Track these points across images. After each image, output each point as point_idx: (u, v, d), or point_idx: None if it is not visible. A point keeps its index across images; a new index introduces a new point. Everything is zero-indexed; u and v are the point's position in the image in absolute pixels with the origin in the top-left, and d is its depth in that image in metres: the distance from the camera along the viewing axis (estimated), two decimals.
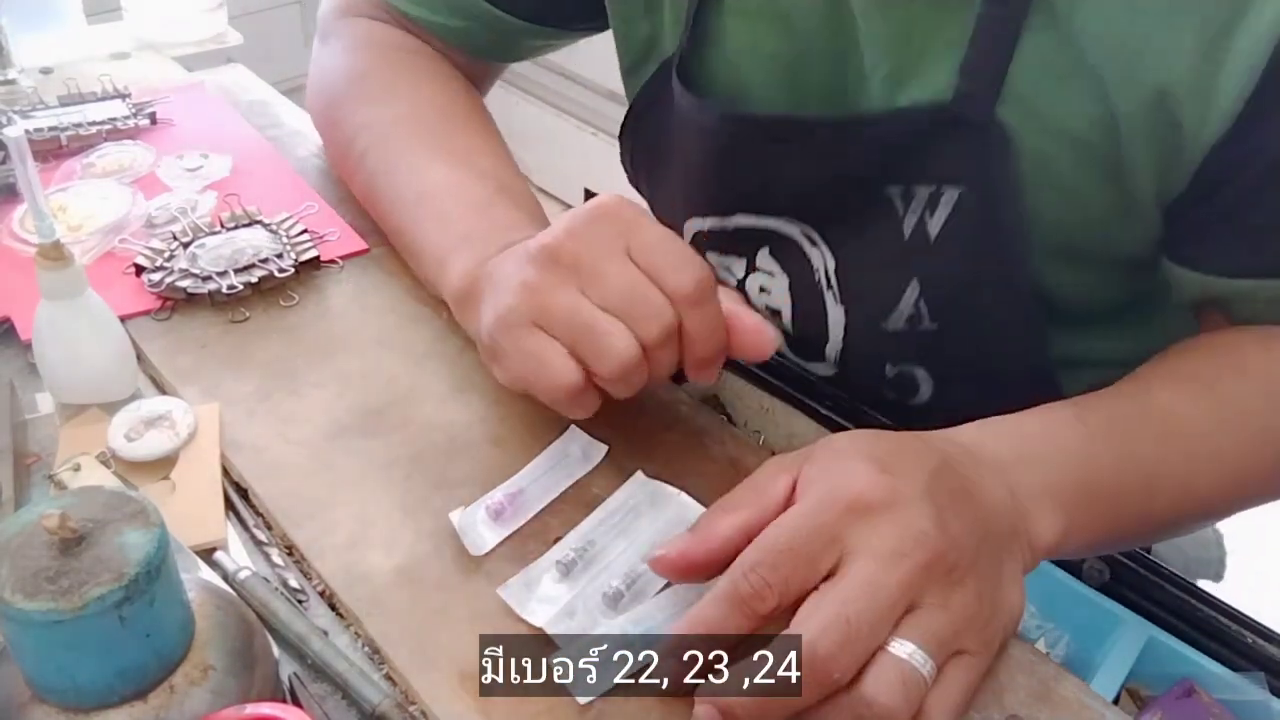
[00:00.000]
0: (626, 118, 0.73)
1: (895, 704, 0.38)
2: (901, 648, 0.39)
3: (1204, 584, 0.58)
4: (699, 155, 0.66)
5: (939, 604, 0.41)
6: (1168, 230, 0.56)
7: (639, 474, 0.55)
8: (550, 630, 0.46)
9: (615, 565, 0.49)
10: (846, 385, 0.68)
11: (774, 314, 0.69)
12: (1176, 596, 0.55)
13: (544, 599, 0.48)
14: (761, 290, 0.69)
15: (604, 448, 0.56)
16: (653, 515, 0.52)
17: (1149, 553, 0.61)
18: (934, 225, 0.58)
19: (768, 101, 0.63)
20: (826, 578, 0.41)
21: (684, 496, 0.53)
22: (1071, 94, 0.52)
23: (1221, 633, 0.54)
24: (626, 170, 0.78)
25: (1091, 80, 0.51)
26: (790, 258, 0.66)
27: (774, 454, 0.58)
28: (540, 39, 0.78)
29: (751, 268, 0.69)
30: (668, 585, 0.48)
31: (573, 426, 0.57)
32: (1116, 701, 0.52)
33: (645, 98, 0.70)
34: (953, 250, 0.58)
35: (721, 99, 0.64)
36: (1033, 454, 0.49)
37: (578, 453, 0.56)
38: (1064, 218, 0.56)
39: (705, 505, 0.52)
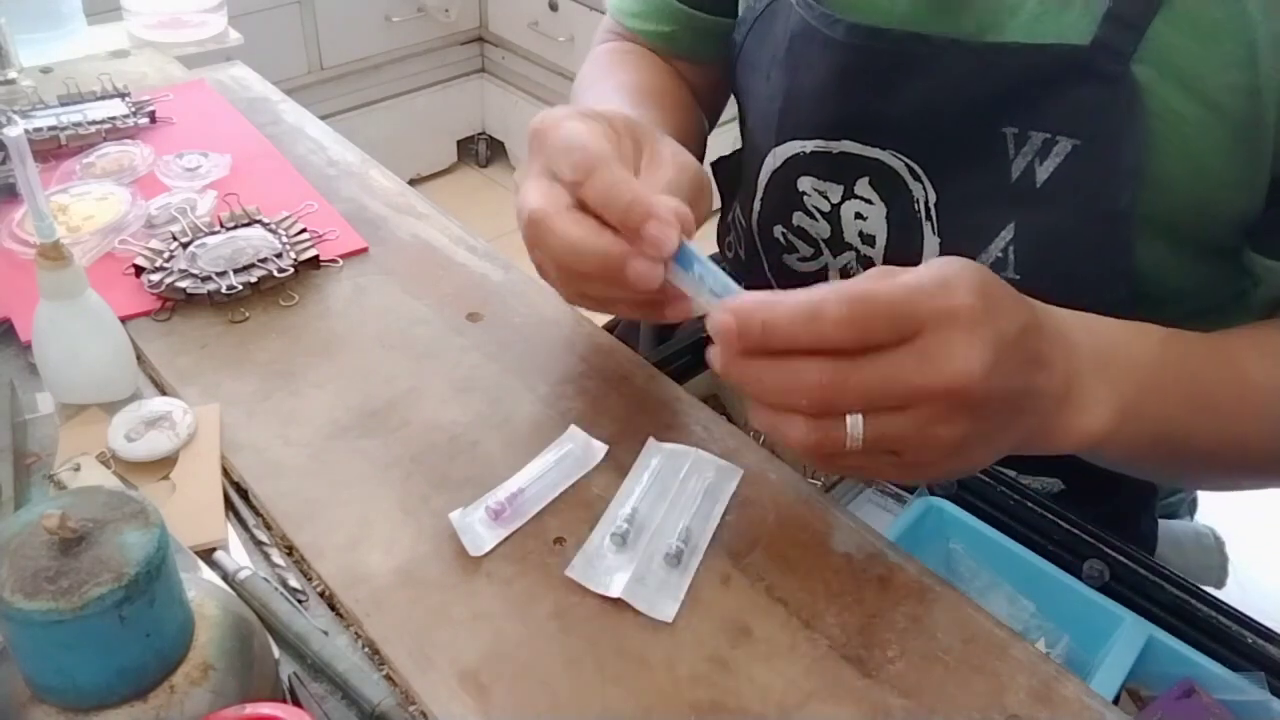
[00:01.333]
0: (737, 27, 0.74)
1: (802, 440, 0.43)
2: (855, 426, 0.42)
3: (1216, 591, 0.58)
4: (816, 74, 0.65)
5: (924, 426, 0.43)
6: (1264, 218, 0.56)
7: (651, 440, 0.57)
8: (628, 598, 0.48)
9: (666, 527, 0.52)
10: None
11: (867, 239, 0.68)
12: (1176, 596, 0.55)
13: (610, 569, 0.50)
14: (858, 216, 0.68)
15: (604, 448, 0.57)
16: (685, 474, 0.55)
17: (1151, 554, 0.61)
18: (1042, 173, 0.58)
19: (901, 20, 0.62)
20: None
21: (702, 453, 0.56)
22: (1217, 55, 0.52)
23: (1221, 633, 0.54)
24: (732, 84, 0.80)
25: (1241, 43, 0.51)
26: (891, 189, 0.65)
27: (774, 454, 0.58)
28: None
29: (850, 194, 0.68)
30: (716, 534, 0.52)
31: (573, 426, 0.57)
32: (1116, 701, 0.52)
33: (755, 7, 0.70)
34: (1056, 201, 0.58)
35: (855, 17, 0.63)
36: (1110, 355, 0.50)
37: (578, 453, 0.56)
38: (1180, 186, 0.56)
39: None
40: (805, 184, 0.69)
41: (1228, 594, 0.58)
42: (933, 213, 0.64)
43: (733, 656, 0.47)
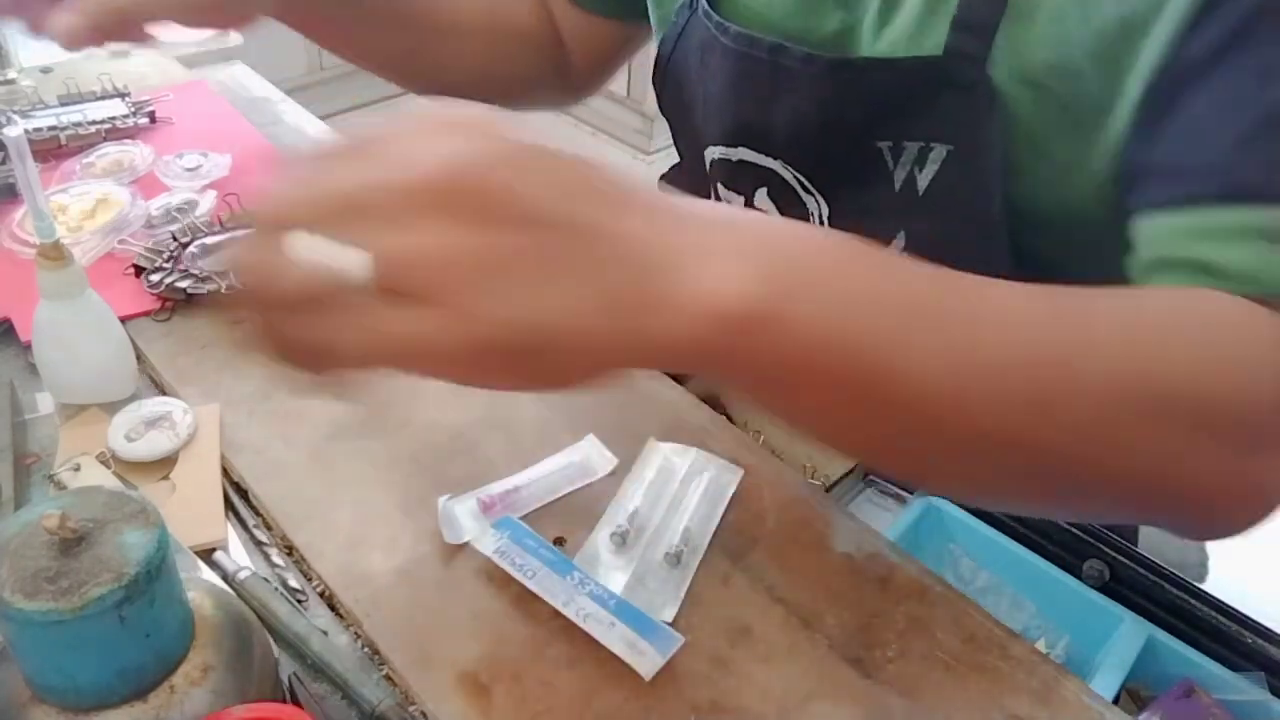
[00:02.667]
0: (660, 44, 0.74)
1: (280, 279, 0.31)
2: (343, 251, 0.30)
3: (1217, 591, 0.57)
4: (717, 81, 0.66)
5: (423, 237, 0.31)
6: (1122, 182, 0.53)
7: (651, 440, 0.57)
8: (628, 598, 0.48)
9: (666, 527, 0.52)
10: None
11: None
12: (1176, 596, 0.55)
13: (610, 569, 0.50)
14: None
15: (614, 460, 0.56)
16: (685, 474, 0.55)
17: (1149, 553, 0.61)
18: (923, 180, 0.58)
19: (772, 27, 0.63)
20: None
21: (702, 453, 0.56)
22: (1062, 44, 0.52)
23: (1221, 633, 0.54)
24: (657, 96, 0.78)
25: (1054, 23, 0.51)
26: (787, 202, 0.66)
27: (774, 454, 0.58)
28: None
29: (750, 204, 0.69)
30: (716, 534, 0.52)
31: (590, 435, 0.57)
32: (1116, 701, 0.52)
33: (677, 23, 0.71)
34: (939, 206, 0.59)
35: (741, 24, 0.64)
36: (761, 229, 0.36)
37: (587, 461, 0.56)
38: (1042, 180, 0.56)
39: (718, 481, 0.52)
40: (722, 191, 0.71)
41: (1225, 592, 0.57)
42: (826, 225, 0.65)
43: (733, 656, 0.47)
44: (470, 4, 0.75)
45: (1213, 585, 0.63)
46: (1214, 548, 0.77)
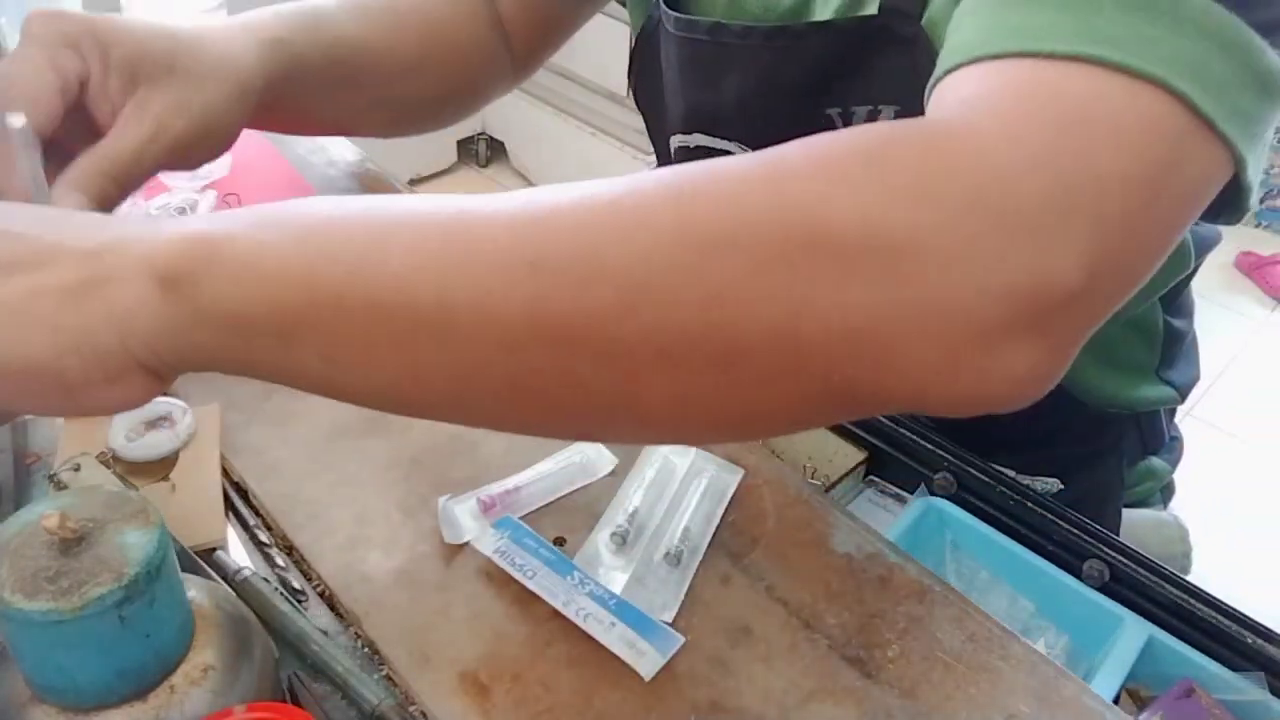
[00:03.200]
0: (634, 41, 0.73)
1: None
2: None
3: (1216, 591, 0.57)
4: (670, 69, 0.66)
5: None
6: None
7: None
8: (628, 598, 0.48)
9: (666, 527, 0.52)
10: None
11: None
12: (1176, 596, 0.55)
13: (610, 569, 0.50)
14: None
15: (614, 460, 0.56)
16: (685, 474, 0.55)
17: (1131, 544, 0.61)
18: None
19: (710, 8, 0.62)
20: None
21: (702, 453, 0.56)
22: None
23: (1221, 633, 0.54)
24: (634, 93, 0.78)
25: None
26: None
27: (774, 454, 0.58)
28: None
29: None
30: (716, 534, 0.52)
31: None
32: (1116, 701, 0.52)
33: (652, 18, 0.70)
34: None
35: (697, 12, 0.64)
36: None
37: (586, 461, 0.56)
38: None
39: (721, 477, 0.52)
40: None
41: (1225, 592, 0.57)
42: None
43: (733, 656, 0.47)
44: (407, 37, 0.70)
45: (1214, 586, 0.63)
46: (1200, 541, 0.77)
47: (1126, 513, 0.74)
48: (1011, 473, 0.63)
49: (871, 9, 0.55)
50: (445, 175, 2.78)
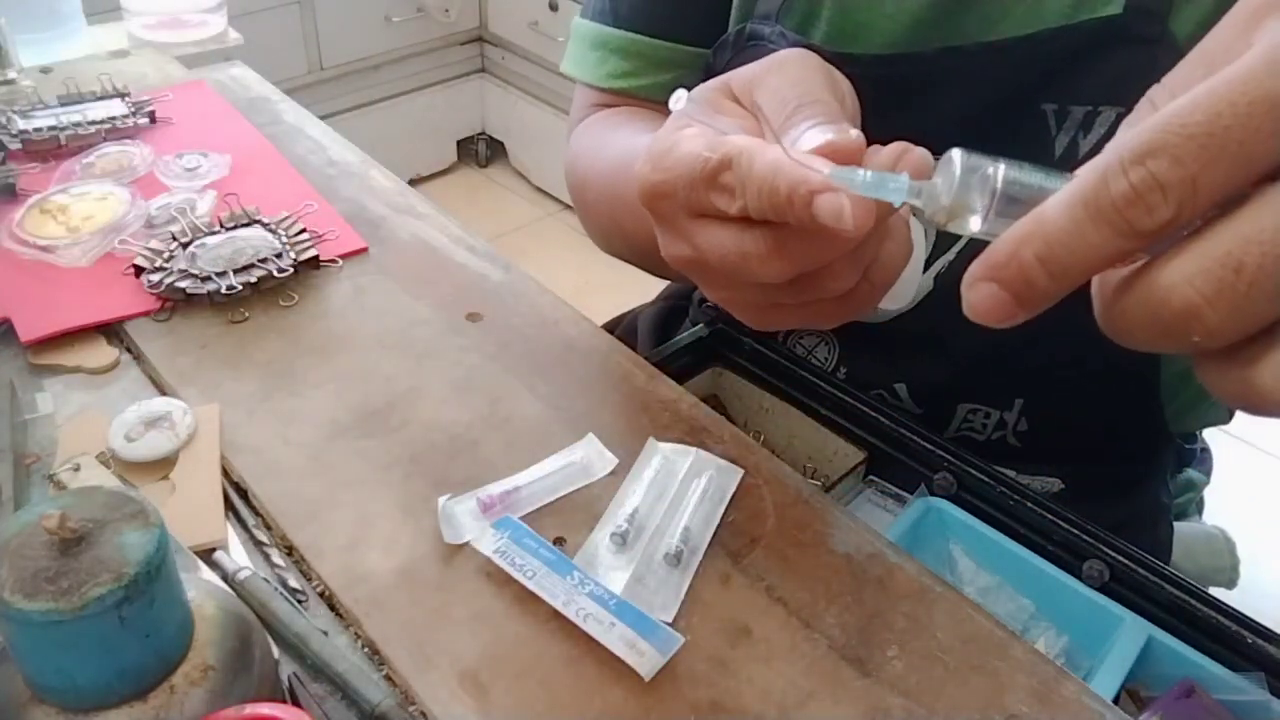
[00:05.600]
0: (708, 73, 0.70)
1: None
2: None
3: (1217, 591, 0.57)
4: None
5: None
6: None
7: (651, 440, 0.57)
8: (628, 598, 0.48)
9: (666, 527, 0.52)
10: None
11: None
12: (1176, 596, 0.55)
13: (610, 569, 0.50)
14: None
15: (614, 460, 0.56)
16: (685, 474, 0.55)
17: (1167, 560, 0.60)
18: (1086, 145, 0.57)
19: (894, 43, 0.60)
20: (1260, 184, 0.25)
21: (702, 453, 0.56)
22: None
23: (1221, 633, 0.54)
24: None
25: None
26: None
27: (774, 454, 0.58)
28: None
29: None
30: (716, 534, 0.52)
31: (590, 435, 0.57)
32: (1116, 701, 0.52)
33: (723, 55, 0.67)
34: None
35: (853, 48, 0.61)
36: None
37: (587, 461, 0.56)
38: None
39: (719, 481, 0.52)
40: None
41: (1227, 593, 0.57)
42: None
43: (733, 656, 0.47)
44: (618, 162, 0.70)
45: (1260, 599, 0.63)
46: (1247, 553, 0.77)
47: (1176, 526, 0.73)
48: (1011, 473, 0.63)
49: (1114, 9, 0.54)
50: (445, 175, 2.78)
